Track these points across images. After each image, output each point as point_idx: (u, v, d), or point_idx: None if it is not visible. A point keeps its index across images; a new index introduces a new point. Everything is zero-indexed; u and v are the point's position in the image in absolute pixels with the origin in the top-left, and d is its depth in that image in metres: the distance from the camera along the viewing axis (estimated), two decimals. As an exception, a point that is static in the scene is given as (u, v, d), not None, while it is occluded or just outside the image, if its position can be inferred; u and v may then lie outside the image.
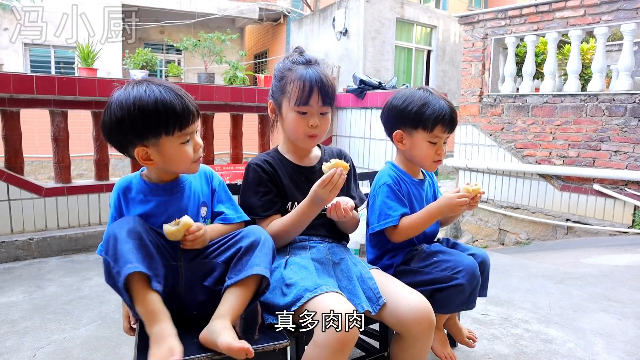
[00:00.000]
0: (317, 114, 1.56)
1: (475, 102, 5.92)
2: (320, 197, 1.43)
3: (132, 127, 1.28)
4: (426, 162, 1.73)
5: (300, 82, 1.53)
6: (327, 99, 1.55)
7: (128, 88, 1.29)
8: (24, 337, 2.17)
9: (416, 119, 1.66)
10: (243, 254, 1.31)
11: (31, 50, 12.13)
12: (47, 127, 3.74)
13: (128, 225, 1.24)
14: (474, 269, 1.55)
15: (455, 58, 12.77)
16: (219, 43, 6.48)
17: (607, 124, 4.70)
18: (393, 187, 1.69)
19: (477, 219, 6.00)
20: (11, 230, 3.46)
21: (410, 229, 1.65)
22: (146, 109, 1.26)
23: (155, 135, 1.29)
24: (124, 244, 1.18)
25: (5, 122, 3.51)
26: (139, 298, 1.18)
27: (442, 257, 1.61)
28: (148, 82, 1.31)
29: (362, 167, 5.01)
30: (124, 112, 1.26)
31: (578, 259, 3.91)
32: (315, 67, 1.58)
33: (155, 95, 1.27)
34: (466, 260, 1.57)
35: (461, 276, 1.52)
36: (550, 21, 5.20)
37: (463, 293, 1.54)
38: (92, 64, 4.57)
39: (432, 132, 1.66)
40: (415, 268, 1.63)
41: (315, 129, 1.57)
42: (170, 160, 1.34)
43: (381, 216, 1.67)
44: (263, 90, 4.76)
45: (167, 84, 1.33)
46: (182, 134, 1.32)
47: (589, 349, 2.13)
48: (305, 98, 1.52)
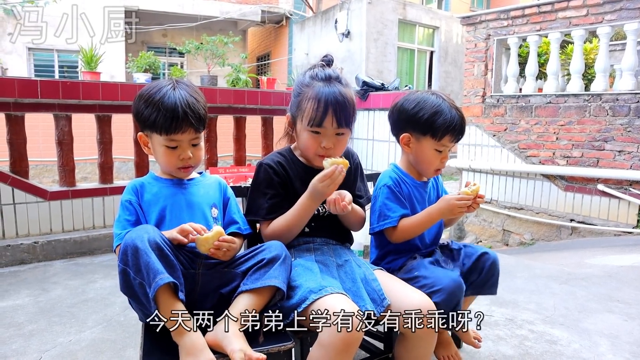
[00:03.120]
0: (331, 135, 1.50)
1: (478, 102, 5.91)
2: (318, 191, 1.44)
3: (137, 114, 1.43)
4: (429, 169, 1.74)
5: (315, 101, 1.47)
6: (343, 121, 1.48)
7: (160, 83, 1.43)
8: (30, 339, 2.18)
9: (426, 126, 1.65)
10: (263, 265, 1.34)
11: (35, 54, 12.20)
12: (51, 131, 3.75)
13: (147, 234, 1.24)
14: (453, 288, 1.49)
15: (458, 59, 12.76)
16: (221, 46, 6.50)
17: (611, 123, 4.68)
18: (393, 189, 1.69)
19: (481, 219, 5.99)
20: (16, 234, 3.48)
21: (409, 230, 1.66)
22: (149, 103, 1.39)
23: (149, 128, 1.42)
24: (149, 255, 1.19)
25: (10, 126, 3.53)
26: (166, 308, 1.20)
27: (422, 273, 1.58)
28: (177, 83, 1.42)
29: (365, 168, 4.99)
30: (139, 99, 1.42)
31: (583, 259, 3.90)
32: (335, 85, 1.49)
33: (164, 94, 1.37)
34: (446, 279, 1.51)
35: (437, 296, 1.47)
36: (552, 21, 5.19)
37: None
38: (96, 67, 4.58)
39: (440, 141, 1.67)
40: (400, 279, 1.62)
41: (329, 151, 1.51)
42: (156, 156, 1.47)
43: (380, 217, 1.68)
44: (266, 92, 4.77)
45: (191, 93, 1.41)
46: (168, 139, 1.41)
47: (594, 349, 2.12)
48: (319, 119, 1.46)
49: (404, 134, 1.73)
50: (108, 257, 3.56)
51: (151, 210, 1.44)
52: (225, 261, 1.39)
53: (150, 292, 1.17)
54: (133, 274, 1.20)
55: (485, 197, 1.67)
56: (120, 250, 1.24)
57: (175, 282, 1.19)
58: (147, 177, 1.54)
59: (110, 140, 3.96)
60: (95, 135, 3.92)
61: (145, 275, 1.18)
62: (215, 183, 1.60)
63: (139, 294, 1.21)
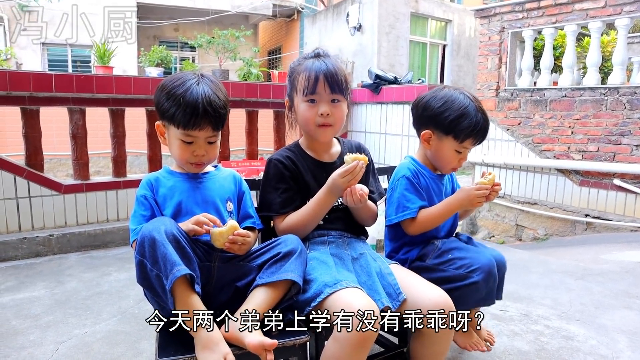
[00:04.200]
0: (327, 102, 1.54)
1: (492, 96, 5.84)
2: (338, 186, 1.44)
3: (158, 104, 1.43)
4: (446, 167, 1.75)
5: (306, 72, 1.54)
6: (336, 86, 1.53)
7: (185, 76, 1.42)
8: (47, 331, 2.21)
9: (450, 127, 1.65)
10: (279, 259, 1.34)
11: (49, 49, 12.31)
12: (65, 125, 3.78)
13: (164, 226, 1.24)
14: (490, 266, 1.52)
15: (471, 52, 12.62)
16: (233, 40, 6.48)
17: (628, 117, 4.59)
18: (412, 180, 1.69)
19: (493, 214, 5.94)
20: (32, 227, 3.52)
21: (428, 221, 1.65)
22: (170, 95, 1.37)
23: (167, 120, 1.41)
24: (166, 247, 1.19)
25: (25, 120, 3.56)
26: (182, 300, 1.20)
27: (457, 255, 1.59)
28: (202, 78, 1.41)
29: (378, 162, 4.98)
30: (162, 89, 1.41)
31: (598, 255, 3.84)
32: (324, 59, 1.57)
33: (187, 88, 1.36)
34: (483, 258, 1.54)
35: (476, 275, 1.49)
36: (569, 13, 5.09)
37: (479, 291, 1.51)
38: (109, 62, 4.60)
39: (462, 143, 1.67)
40: (430, 265, 1.62)
41: (327, 118, 1.54)
42: (171, 147, 1.47)
43: (399, 208, 1.67)
44: (278, 86, 4.76)
45: (215, 90, 1.40)
46: (185, 134, 1.40)
47: (613, 346, 2.09)
48: (312, 86, 1.52)
49: (426, 131, 1.72)
50: (122, 250, 3.59)
51: (167, 205, 1.44)
52: (241, 254, 1.39)
53: (167, 283, 1.17)
54: (150, 265, 1.20)
55: (501, 187, 1.68)
56: (138, 242, 1.24)
57: (192, 275, 1.19)
58: (161, 171, 1.54)
59: (124, 134, 3.98)
60: (109, 129, 3.95)
61: (162, 267, 1.18)
62: (230, 176, 1.60)
63: (156, 285, 1.21)
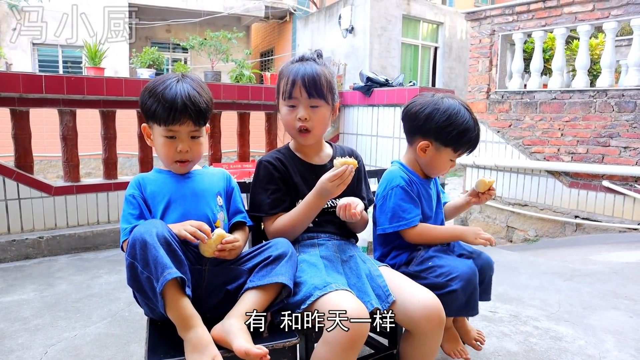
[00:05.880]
0: (305, 106, 1.55)
1: (483, 98, 5.89)
2: (327, 190, 1.44)
3: (141, 104, 1.45)
4: (438, 173, 1.81)
5: (286, 77, 1.56)
6: (314, 91, 1.53)
7: (167, 76, 1.45)
8: (36, 334, 2.19)
9: (452, 141, 1.68)
10: (270, 262, 1.35)
11: (39, 49, 12.20)
12: (55, 126, 3.75)
13: (156, 229, 1.23)
14: (469, 275, 1.52)
15: (462, 55, 12.69)
16: (225, 41, 6.46)
17: (617, 119, 4.65)
18: (407, 189, 1.70)
19: (484, 216, 5.97)
20: (21, 229, 3.49)
21: (427, 236, 1.70)
22: (151, 94, 1.41)
23: (150, 119, 1.44)
24: (157, 250, 1.19)
25: (15, 121, 3.53)
26: (172, 303, 1.20)
27: (437, 262, 1.60)
28: (183, 77, 1.44)
29: (369, 164, 5.00)
30: (145, 90, 1.44)
31: (587, 256, 3.89)
32: (308, 63, 1.57)
33: (167, 86, 1.39)
34: (462, 266, 1.55)
35: (455, 283, 1.50)
36: (558, 16, 5.15)
37: (458, 299, 1.52)
38: (100, 63, 4.57)
39: (457, 153, 1.73)
40: (412, 272, 1.63)
41: (305, 122, 1.55)
42: (157, 148, 1.49)
43: (394, 218, 1.68)
44: (270, 88, 4.75)
45: (194, 87, 1.42)
46: (166, 129, 1.42)
47: (600, 346, 2.12)
48: (289, 91, 1.54)
49: (424, 141, 1.72)
50: (112, 253, 3.57)
51: (157, 202, 1.44)
52: (232, 258, 1.40)
53: (158, 286, 1.17)
54: (141, 267, 1.20)
55: (495, 192, 1.76)
56: (129, 244, 1.24)
57: (182, 277, 1.20)
58: (151, 172, 1.55)
59: (115, 136, 3.96)
60: (100, 131, 3.92)
61: (153, 270, 1.18)
62: (219, 173, 1.62)
63: (146, 288, 1.21)
